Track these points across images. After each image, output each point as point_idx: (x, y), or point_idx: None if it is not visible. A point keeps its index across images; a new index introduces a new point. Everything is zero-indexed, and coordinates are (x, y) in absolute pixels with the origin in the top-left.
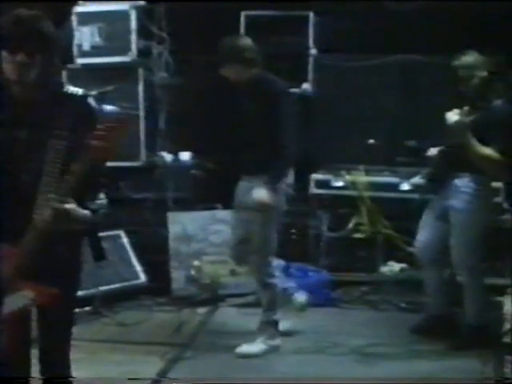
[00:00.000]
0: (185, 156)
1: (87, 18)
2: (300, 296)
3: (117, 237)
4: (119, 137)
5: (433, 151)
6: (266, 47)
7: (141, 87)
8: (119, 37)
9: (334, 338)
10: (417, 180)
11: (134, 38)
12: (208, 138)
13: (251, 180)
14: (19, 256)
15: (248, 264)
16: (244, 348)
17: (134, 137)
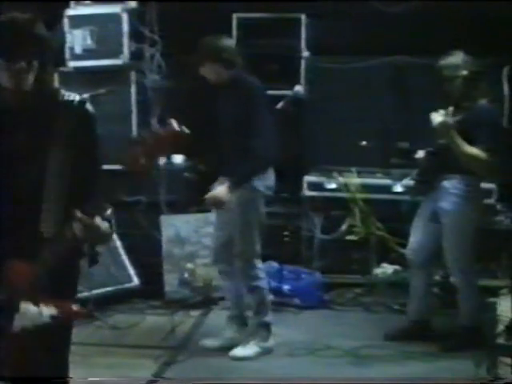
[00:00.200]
0: (178, 159)
1: (79, 21)
2: None
3: None
4: (170, 150)
5: (421, 153)
6: (258, 49)
7: (133, 90)
8: (111, 40)
9: (328, 340)
10: (409, 182)
11: (126, 41)
12: (199, 141)
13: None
14: (36, 271)
15: (230, 267)
16: (237, 351)
17: (127, 140)
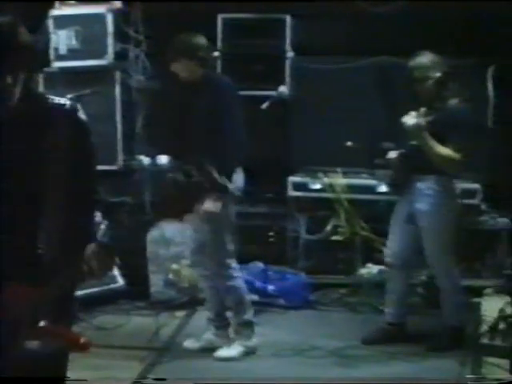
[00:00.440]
0: (162, 159)
1: (64, 22)
2: None
3: None
4: None
5: (392, 154)
6: (243, 50)
7: (118, 90)
8: (96, 40)
9: (313, 341)
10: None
11: (111, 41)
12: (183, 141)
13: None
14: (42, 297)
15: (207, 269)
16: (222, 352)
17: (111, 140)
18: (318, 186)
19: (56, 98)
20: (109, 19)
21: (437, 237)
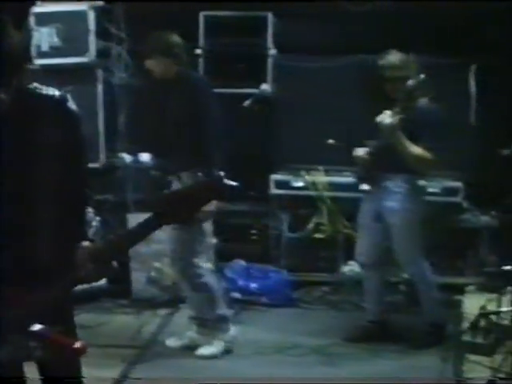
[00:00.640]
0: (144, 157)
1: (45, 19)
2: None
3: None
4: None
5: (359, 152)
6: (225, 48)
7: (100, 88)
8: (78, 37)
9: (295, 339)
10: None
11: (93, 39)
12: (162, 139)
13: (176, 183)
14: (35, 300)
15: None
16: (203, 350)
17: (94, 138)
18: (301, 184)
19: (44, 88)
20: (91, 16)
21: (407, 234)
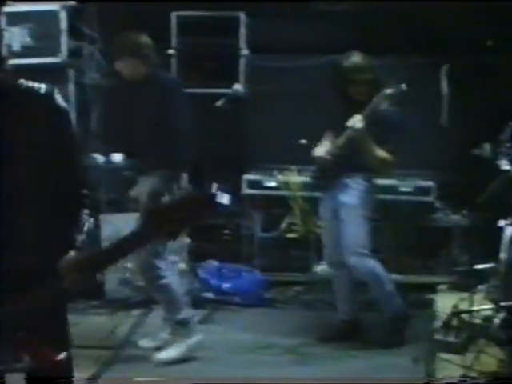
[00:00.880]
0: (117, 157)
1: (17, 19)
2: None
3: None
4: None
5: (320, 152)
6: (197, 48)
7: (72, 88)
8: (49, 37)
9: (268, 339)
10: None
11: (65, 39)
12: (133, 139)
13: (144, 181)
14: (20, 306)
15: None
16: (162, 354)
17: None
18: (273, 184)
19: (30, 83)
20: (63, 16)
21: (355, 227)
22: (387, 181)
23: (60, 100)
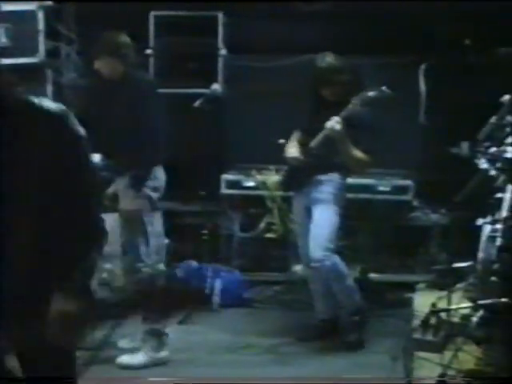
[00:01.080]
0: (95, 158)
1: None
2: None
3: None
4: None
5: (291, 152)
6: (176, 47)
7: (49, 88)
8: (27, 37)
9: (248, 338)
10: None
11: (42, 39)
12: (108, 139)
13: (117, 181)
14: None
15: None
16: (124, 358)
17: None
18: (251, 184)
19: (43, 101)
20: (40, 16)
21: (323, 222)
22: (365, 180)
23: (74, 121)
